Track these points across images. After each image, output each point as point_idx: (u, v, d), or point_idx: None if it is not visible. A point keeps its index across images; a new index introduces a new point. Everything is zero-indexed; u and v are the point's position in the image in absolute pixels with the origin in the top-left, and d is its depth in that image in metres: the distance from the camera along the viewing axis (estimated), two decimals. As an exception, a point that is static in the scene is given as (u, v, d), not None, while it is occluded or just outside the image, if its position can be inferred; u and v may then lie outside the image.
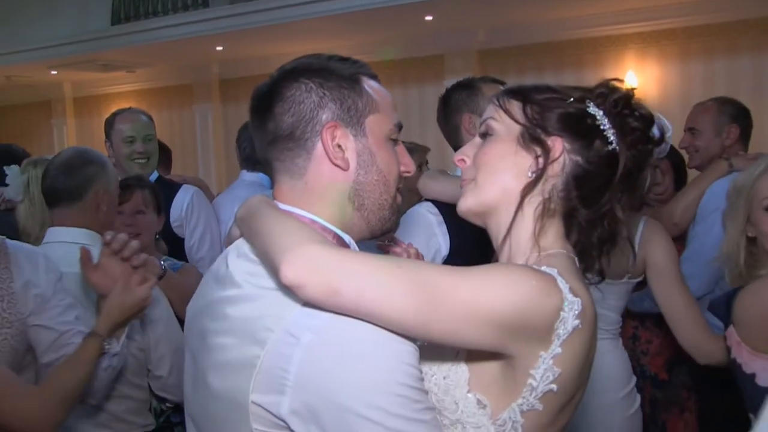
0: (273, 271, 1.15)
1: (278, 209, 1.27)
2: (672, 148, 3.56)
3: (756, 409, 1.90)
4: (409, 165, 1.36)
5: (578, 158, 1.28)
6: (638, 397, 2.48)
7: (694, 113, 3.61)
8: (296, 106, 1.27)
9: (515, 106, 1.31)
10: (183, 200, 3.56)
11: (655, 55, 7.50)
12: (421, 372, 1.13)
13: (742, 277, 1.98)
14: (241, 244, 1.31)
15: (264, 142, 1.31)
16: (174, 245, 3.38)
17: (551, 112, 1.29)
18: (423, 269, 1.15)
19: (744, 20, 7.04)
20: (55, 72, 10.16)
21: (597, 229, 1.32)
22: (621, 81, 1.35)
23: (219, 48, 8.86)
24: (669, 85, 7.42)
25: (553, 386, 1.16)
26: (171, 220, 3.52)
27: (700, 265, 2.78)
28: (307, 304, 1.12)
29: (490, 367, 1.20)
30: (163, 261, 2.77)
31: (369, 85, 1.32)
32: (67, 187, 2.36)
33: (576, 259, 1.31)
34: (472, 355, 1.23)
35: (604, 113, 1.29)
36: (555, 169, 1.27)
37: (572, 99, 1.30)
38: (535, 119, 1.29)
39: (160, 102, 10.67)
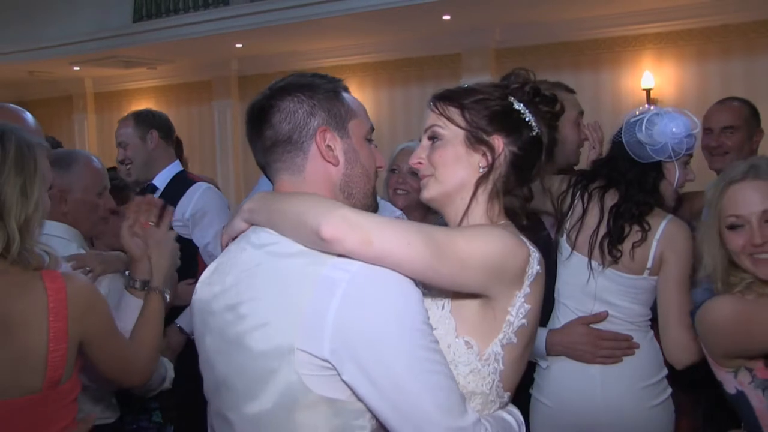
0: (310, 234, 1.36)
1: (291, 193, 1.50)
2: None
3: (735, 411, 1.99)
4: (381, 162, 1.62)
5: (514, 148, 1.57)
6: (668, 390, 2.49)
7: (723, 111, 3.38)
8: (291, 115, 1.50)
9: (454, 113, 1.57)
10: (189, 200, 3.49)
11: (672, 55, 7.51)
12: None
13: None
14: (251, 233, 1.52)
15: (263, 148, 1.54)
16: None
17: (486, 114, 1.56)
18: (428, 227, 1.43)
19: (762, 21, 7.04)
20: (77, 68, 10.29)
21: (526, 197, 1.64)
22: (525, 70, 1.64)
23: (238, 45, 8.96)
24: (686, 86, 7.44)
25: (525, 321, 1.46)
26: (174, 219, 3.34)
27: None
28: (336, 261, 1.35)
29: (471, 314, 1.47)
30: None
31: (347, 96, 1.58)
32: None
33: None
34: (456, 307, 1.49)
35: (524, 104, 1.58)
36: (499, 161, 1.56)
37: (498, 97, 1.58)
38: (475, 122, 1.55)
39: (180, 98, 10.79)
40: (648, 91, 7.44)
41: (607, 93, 7.51)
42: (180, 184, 3.57)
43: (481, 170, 1.55)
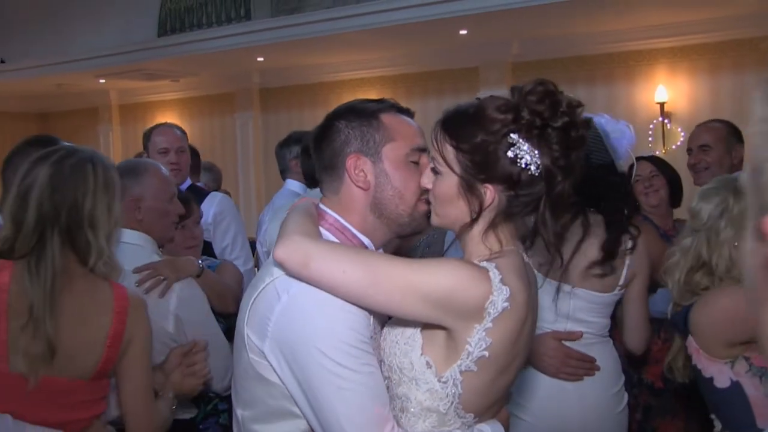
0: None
1: (304, 213, 1.67)
2: (667, 164, 3.70)
3: (717, 410, 2.13)
4: (423, 180, 1.67)
5: (510, 192, 1.55)
6: (626, 396, 2.62)
7: (701, 132, 3.76)
8: (331, 144, 1.70)
9: (450, 153, 1.57)
10: (210, 207, 3.83)
11: (685, 69, 7.58)
12: (367, 338, 1.54)
13: (690, 293, 2.18)
14: None
15: (318, 169, 1.75)
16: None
17: (480, 161, 1.53)
18: (376, 257, 1.56)
19: (774, 36, 7.10)
20: (102, 80, 10.50)
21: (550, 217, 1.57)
22: (546, 91, 1.51)
23: (260, 59, 9.11)
24: (699, 100, 7.50)
25: (486, 353, 1.48)
26: None
27: None
28: (289, 278, 1.56)
29: (438, 338, 1.54)
30: (201, 261, 2.93)
31: (389, 119, 1.71)
32: None
33: (524, 254, 1.63)
34: (426, 328, 1.56)
35: (526, 139, 1.51)
36: (492, 205, 1.56)
37: (499, 139, 1.51)
38: (468, 169, 1.55)
39: (202, 110, 10.97)
40: (661, 104, 7.52)
41: (620, 106, 7.59)
42: (197, 194, 3.88)
43: (472, 216, 1.57)
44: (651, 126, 7.58)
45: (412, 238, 2.93)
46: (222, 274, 3.02)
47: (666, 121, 7.53)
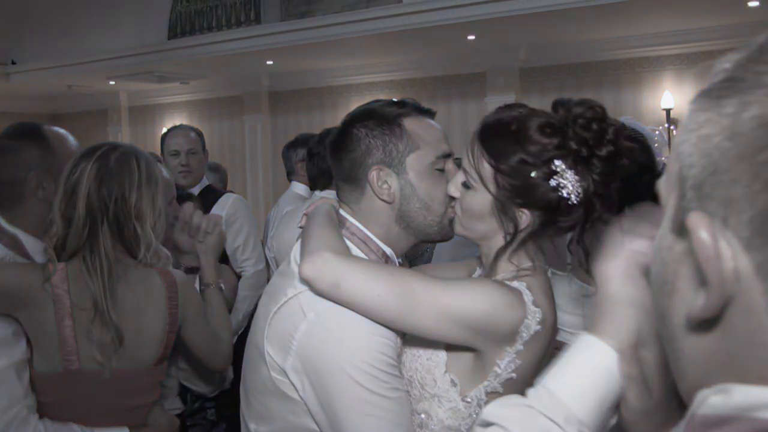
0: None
1: (326, 220, 1.58)
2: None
3: None
4: (450, 188, 1.57)
5: (544, 218, 1.47)
6: None
7: None
8: (350, 153, 1.60)
9: (487, 171, 1.47)
10: (222, 207, 3.83)
11: (692, 76, 7.60)
12: (396, 360, 1.46)
13: None
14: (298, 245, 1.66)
15: (336, 178, 1.67)
16: None
17: (519, 186, 1.44)
18: (410, 278, 1.44)
19: (781, 43, 7.11)
20: (113, 82, 10.61)
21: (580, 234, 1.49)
22: (597, 118, 1.42)
23: (269, 62, 9.20)
24: (706, 106, 7.52)
25: (514, 375, 1.42)
26: None
27: None
28: (314, 295, 1.46)
29: (465, 356, 1.48)
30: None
31: (412, 125, 1.58)
32: None
33: (549, 270, 1.58)
34: (451, 346, 1.50)
35: (569, 167, 1.42)
36: (526, 229, 1.48)
37: (541, 163, 1.43)
38: (506, 190, 1.45)
39: (212, 112, 11.06)
40: (668, 111, 7.55)
41: (627, 113, 7.59)
42: (211, 195, 3.92)
43: (506, 237, 1.50)
44: (657, 132, 7.60)
45: (419, 245, 2.95)
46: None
47: (672, 127, 7.56)
